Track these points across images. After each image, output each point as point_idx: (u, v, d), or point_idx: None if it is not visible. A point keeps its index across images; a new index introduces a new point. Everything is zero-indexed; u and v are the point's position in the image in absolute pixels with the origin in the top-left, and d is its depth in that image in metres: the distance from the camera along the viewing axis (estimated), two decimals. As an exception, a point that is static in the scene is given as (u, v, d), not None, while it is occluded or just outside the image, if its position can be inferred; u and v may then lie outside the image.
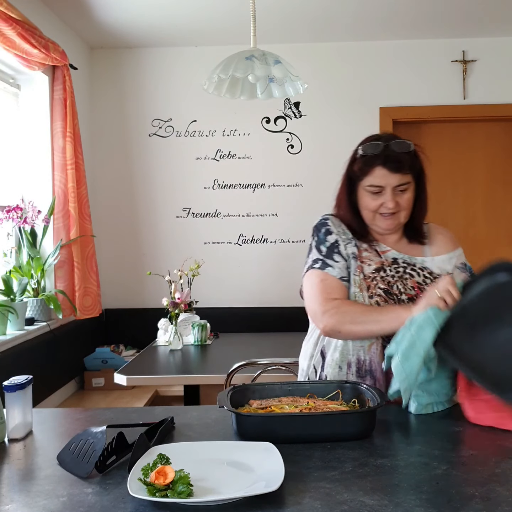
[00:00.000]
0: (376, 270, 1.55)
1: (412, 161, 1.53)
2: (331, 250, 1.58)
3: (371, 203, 1.55)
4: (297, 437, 1.20)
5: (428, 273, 1.57)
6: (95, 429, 1.15)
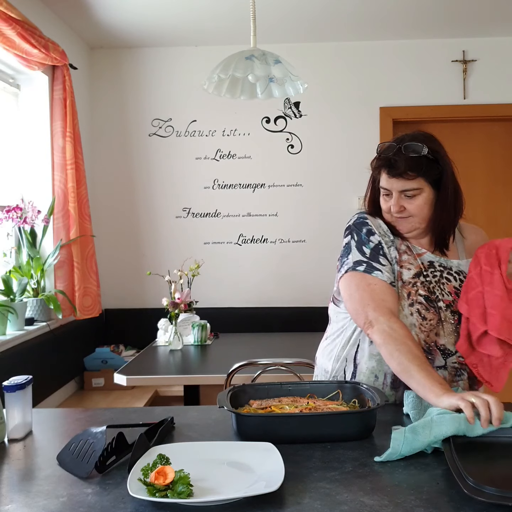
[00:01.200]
0: (416, 275, 1.48)
1: (420, 166, 1.44)
2: (376, 252, 1.48)
3: (384, 204, 1.52)
4: (297, 437, 1.20)
5: (464, 277, 1.50)
6: (95, 429, 1.15)
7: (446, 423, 1.15)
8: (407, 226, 1.51)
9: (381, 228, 1.53)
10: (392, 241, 1.52)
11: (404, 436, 1.12)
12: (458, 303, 1.44)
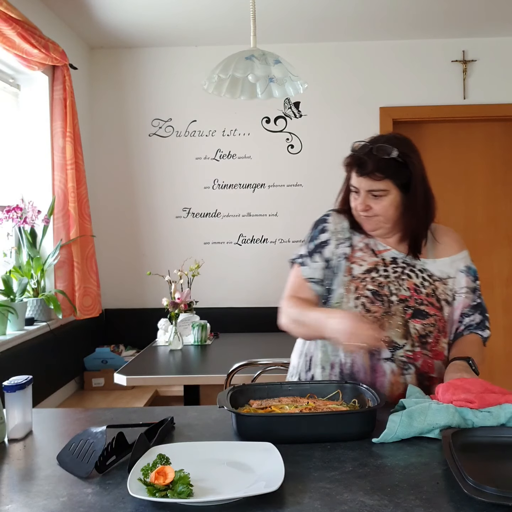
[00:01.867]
0: (367, 271, 1.54)
1: (390, 167, 1.46)
2: (314, 250, 1.59)
3: (352, 202, 1.55)
4: (297, 437, 1.20)
5: (427, 275, 1.55)
6: (95, 429, 1.16)
7: (441, 413, 1.19)
8: (372, 225, 1.55)
9: (340, 225, 1.60)
10: (348, 238, 1.58)
11: (401, 419, 1.18)
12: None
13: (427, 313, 1.50)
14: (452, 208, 4.12)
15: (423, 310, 1.50)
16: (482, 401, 1.23)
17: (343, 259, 1.56)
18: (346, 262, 1.55)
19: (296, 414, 1.25)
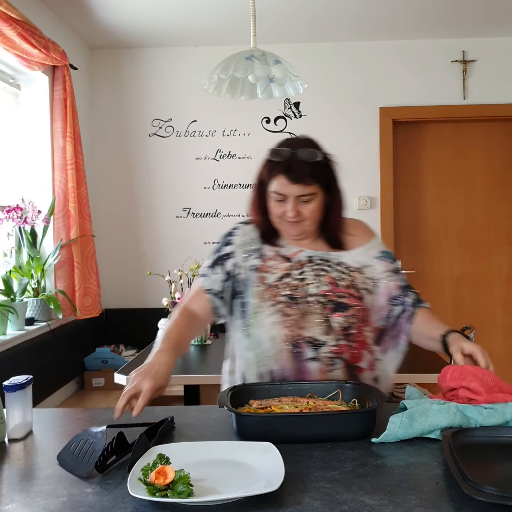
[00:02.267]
0: (280, 277, 1.53)
1: (319, 171, 1.48)
2: (216, 262, 1.60)
3: (275, 209, 1.52)
4: (297, 437, 1.20)
5: (344, 268, 1.56)
6: (95, 429, 1.16)
7: (442, 413, 1.19)
8: (299, 230, 1.54)
9: (249, 236, 1.60)
10: (257, 249, 1.58)
11: (401, 420, 1.18)
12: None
13: (347, 305, 1.52)
14: (452, 208, 4.12)
15: (343, 303, 1.52)
16: (491, 397, 1.23)
17: (252, 270, 1.56)
18: (256, 273, 1.55)
19: (296, 414, 1.25)
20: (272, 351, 1.50)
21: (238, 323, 1.59)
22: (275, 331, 1.49)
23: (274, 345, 1.49)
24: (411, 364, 2.59)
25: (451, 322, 1.55)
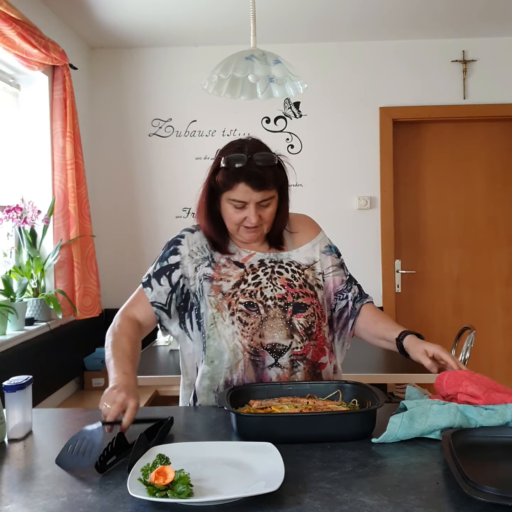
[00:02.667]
0: (235, 285, 1.51)
1: (276, 175, 1.48)
2: (162, 272, 1.57)
3: (234, 216, 1.49)
4: (297, 437, 1.20)
5: (296, 267, 1.56)
6: (90, 426, 1.16)
7: (442, 414, 1.19)
8: (257, 235, 1.54)
9: (196, 245, 1.57)
10: (208, 257, 1.55)
11: (401, 421, 1.18)
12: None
13: (306, 305, 1.52)
14: (452, 208, 4.12)
15: (301, 303, 1.51)
16: (489, 399, 1.23)
17: (205, 280, 1.52)
18: (210, 282, 1.52)
19: (296, 414, 1.25)
20: (231, 362, 1.48)
21: (194, 336, 1.55)
22: (235, 341, 1.47)
23: (234, 356, 1.47)
24: (411, 364, 2.59)
25: (451, 322, 1.55)
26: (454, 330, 3.33)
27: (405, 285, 4.10)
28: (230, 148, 1.51)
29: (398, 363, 2.66)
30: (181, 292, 1.56)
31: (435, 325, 4.02)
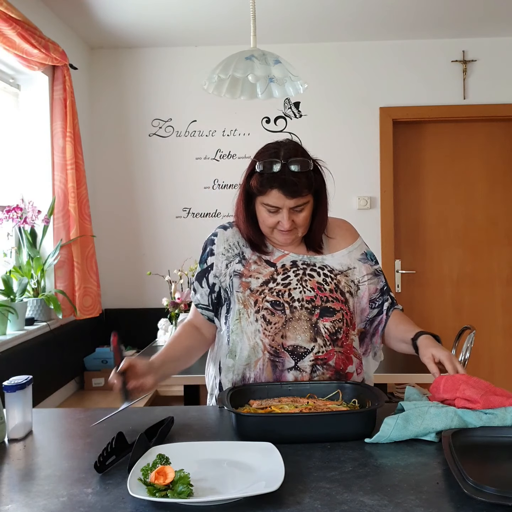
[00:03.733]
0: (264, 283, 1.52)
1: (311, 180, 1.47)
2: (202, 275, 1.60)
3: (267, 220, 1.50)
4: (297, 437, 1.20)
5: (328, 271, 1.55)
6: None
7: (439, 417, 1.19)
8: (291, 238, 1.53)
9: (228, 242, 1.59)
10: (239, 254, 1.57)
11: (396, 422, 1.18)
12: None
13: (334, 309, 1.50)
14: (452, 208, 4.12)
15: (330, 307, 1.50)
16: (487, 402, 1.23)
17: (235, 276, 1.54)
18: (240, 278, 1.53)
19: (296, 414, 1.25)
20: (250, 359, 1.48)
21: (223, 329, 1.57)
22: (257, 339, 1.48)
23: (254, 354, 1.48)
24: (411, 364, 2.59)
25: (451, 322, 1.55)
26: (454, 330, 3.32)
27: (405, 285, 4.10)
28: (266, 152, 1.51)
29: (398, 363, 2.66)
30: (218, 290, 1.58)
31: (435, 325, 4.02)
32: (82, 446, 1.23)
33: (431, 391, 1.36)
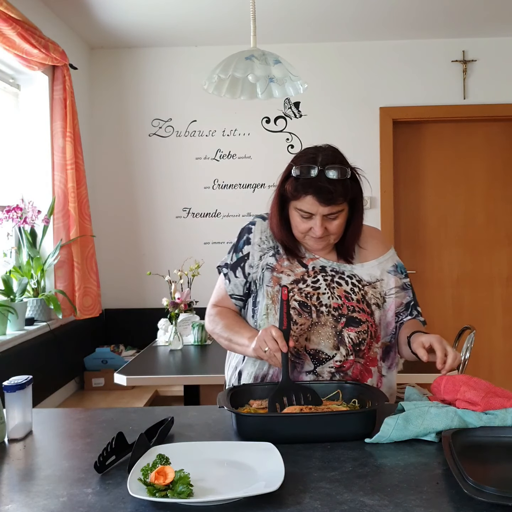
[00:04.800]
0: (294, 281, 1.50)
1: (347, 189, 1.43)
2: (237, 264, 1.57)
3: (300, 225, 1.47)
4: (297, 438, 1.20)
5: (356, 281, 1.52)
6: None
7: (439, 417, 1.19)
8: (323, 244, 1.51)
9: (265, 233, 1.57)
10: (273, 247, 1.55)
11: (396, 422, 1.18)
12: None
13: (360, 320, 1.48)
14: (452, 208, 4.12)
15: (356, 317, 1.48)
16: (487, 404, 1.23)
17: (267, 269, 1.53)
18: (271, 272, 1.52)
19: (296, 414, 1.25)
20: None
21: (250, 322, 1.57)
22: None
23: None
24: (411, 364, 2.59)
25: (451, 322, 1.55)
26: (454, 330, 3.32)
27: (405, 285, 4.10)
28: (303, 156, 1.47)
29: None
30: (249, 280, 1.57)
31: (435, 325, 4.02)
32: (82, 446, 1.23)
33: (432, 391, 1.36)
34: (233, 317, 1.58)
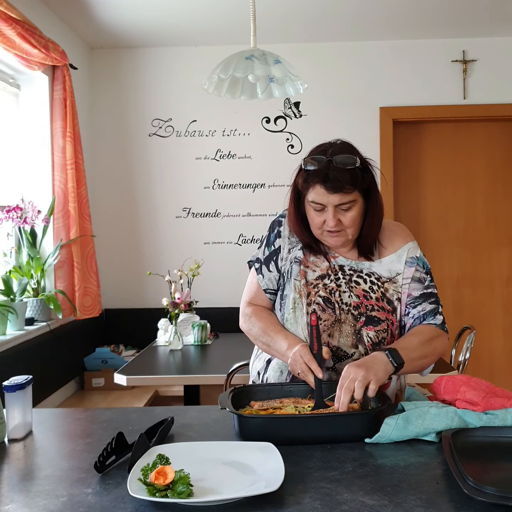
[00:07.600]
0: (320, 277, 1.51)
1: (356, 178, 1.41)
2: (270, 258, 1.58)
3: (315, 219, 1.46)
4: (299, 439, 1.20)
5: (375, 279, 1.51)
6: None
7: (439, 417, 1.19)
8: (340, 240, 1.49)
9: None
10: (299, 241, 1.56)
11: (396, 422, 1.18)
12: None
13: (379, 319, 1.48)
14: (452, 208, 4.12)
15: (374, 316, 1.47)
16: (488, 405, 1.23)
17: (295, 263, 1.53)
18: (299, 266, 1.53)
19: (298, 416, 1.25)
20: None
21: (276, 315, 1.58)
22: (307, 332, 1.47)
23: None
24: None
25: (451, 322, 1.54)
26: (454, 330, 3.32)
27: (405, 285, 4.10)
28: (315, 150, 1.48)
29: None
30: (281, 274, 1.57)
31: (435, 325, 4.02)
32: (82, 446, 1.23)
33: (432, 390, 1.36)
34: (269, 318, 1.57)
